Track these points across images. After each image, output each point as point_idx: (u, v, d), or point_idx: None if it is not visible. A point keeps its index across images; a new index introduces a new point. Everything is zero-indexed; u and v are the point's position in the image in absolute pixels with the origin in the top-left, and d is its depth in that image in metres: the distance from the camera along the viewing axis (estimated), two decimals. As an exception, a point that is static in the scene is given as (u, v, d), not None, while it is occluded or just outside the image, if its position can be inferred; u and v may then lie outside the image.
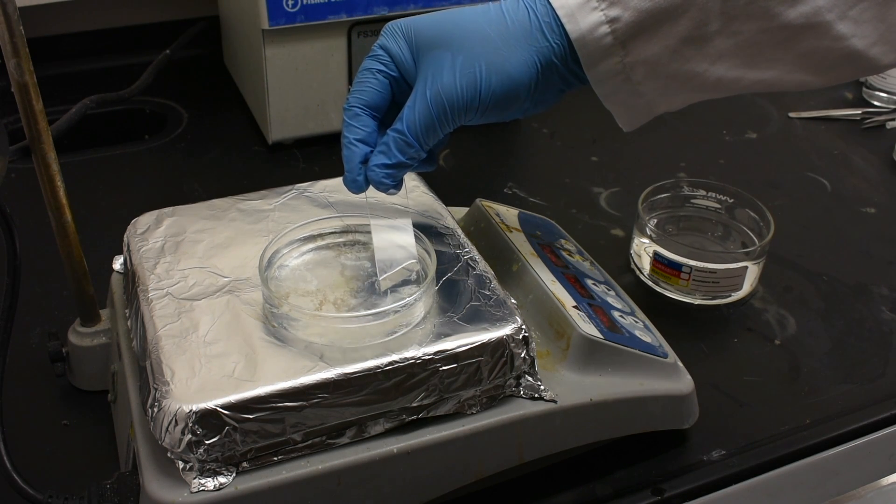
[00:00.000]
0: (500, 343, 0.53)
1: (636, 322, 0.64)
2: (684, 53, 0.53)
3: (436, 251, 0.58)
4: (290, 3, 0.89)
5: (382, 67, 0.57)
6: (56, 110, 0.93)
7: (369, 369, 0.51)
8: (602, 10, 0.52)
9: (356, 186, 0.58)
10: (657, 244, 0.78)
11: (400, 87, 0.58)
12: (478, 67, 0.54)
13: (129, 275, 0.59)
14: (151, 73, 1.04)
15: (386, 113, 0.59)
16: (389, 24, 0.57)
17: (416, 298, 0.54)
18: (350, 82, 0.96)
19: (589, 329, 0.59)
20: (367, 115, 0.57)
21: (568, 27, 0.53)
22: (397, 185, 0.58)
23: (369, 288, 0.57)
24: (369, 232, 0.61)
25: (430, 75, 0.54)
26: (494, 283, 0.58)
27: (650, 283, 0.80)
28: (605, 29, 0.53)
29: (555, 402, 0.56)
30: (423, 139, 0.56)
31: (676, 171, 0.97)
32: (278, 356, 0.51)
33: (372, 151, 0.58)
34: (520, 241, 0.67)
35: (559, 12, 0.53)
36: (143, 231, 0.61)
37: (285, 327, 0.53)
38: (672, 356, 0.63)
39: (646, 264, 0.80)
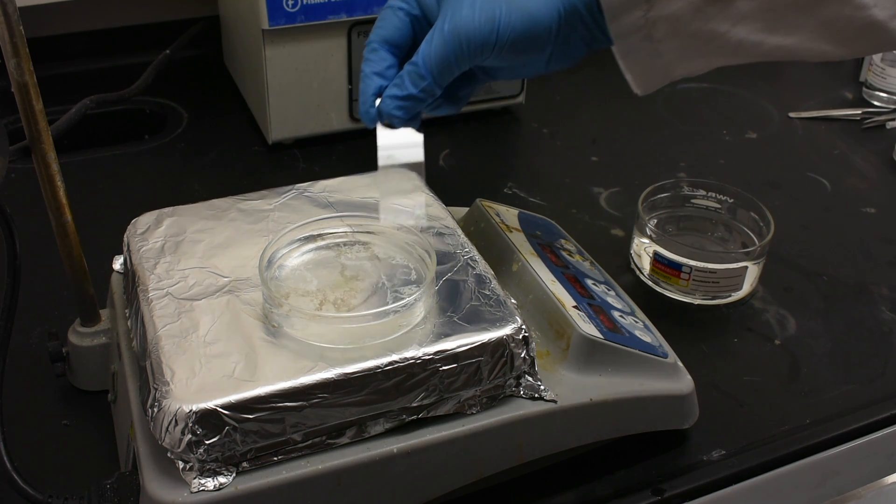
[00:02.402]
0: (500, 343, 0.53)
1: (636, 322, 0.64)
2: (707, 12, 0.53)
3: (436, 251, 0.58)
4: (290, 3, 0.89)
5: (404, 5, 0.57)
6: (56, 110, 0.93)
7: (369, 369, 0.51)
8: None
9: (368, 118, 0.58)
10: (657, 244, 0.78)
11: (421, 26, 0.58)
12: (498, 4, 0.53)
13: (129, 275, 0.59)
14: (151, 73, 1.04)
15: (408, 52, 0.58)
16: None
17: (416, 298, 0.54)
18: (350, 82, 0.96)
19: (589, 329, 0.59)
20: (385, 51, 0.57)
21: None
22: (410, 120, 0.57)
23: (370, 288, 0.57)
24: (369, 232, 0.61)
25: (450, 11, 0.54)
26: (494, 283, 0.58)
27: (650, 283, 0.80)
28: None
29: (555, 402, 0.56)
30: (436, 73, 0.55)
31: (676, 171, 0.97)
32: (278, 356, 0.51)
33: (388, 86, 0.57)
34: (520, 241, 0.67)
35: None
36: (143, 231, 0.61)
37: (285, 327, 0.53)
38: (672, 356, 0.63)
39: (646, 264, 0.80)
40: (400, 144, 0.58)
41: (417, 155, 0.59)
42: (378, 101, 0.58)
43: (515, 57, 0.56)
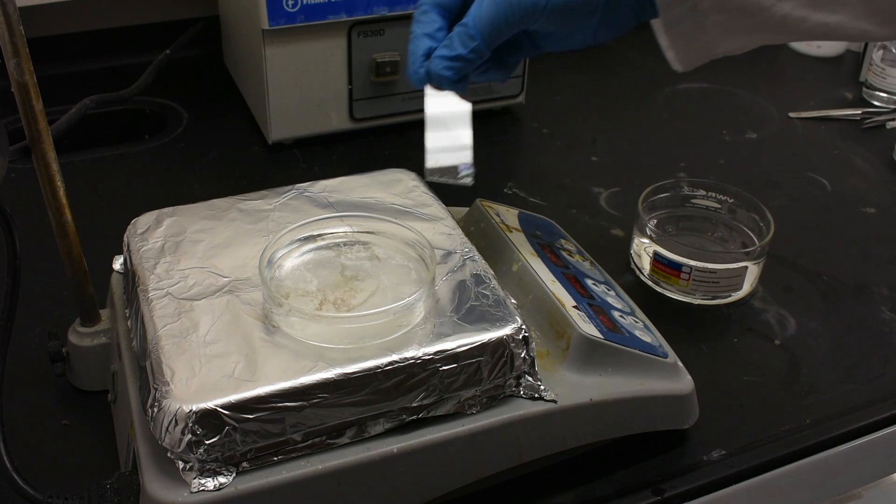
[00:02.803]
0: (500, 343, 0.53)
1: (636, 322, 0.64)
2: None
3: (436, 251, 0.58)
4: (290, 3, 0.89)
5: None
6: (56, 110, 0.93)
7: (369, 369, 0.51)
8: None
9: (417, 79, 0.59)
10: (657, 244, 0.78)
11: None
12: None
13: (129, 275, 0.59)
14: (151, 73, 1.04)
15: (457, 15, 0.59)
16: None
17: (416, 298, 0.54)
18: (350, 82, 0.96)
19: (589, 329, 0.59)
20: (436, 13, 0.58)
21: None
22: (458, 82, 0.58)
23: (370, 288, 0.57)
24: (369, 232, 0.61)
25: None
26: (494, 283, 0.58)
27: (650, 283, 0.80)
28: None
29: (555, 402, 0.56)
30: (486, 34, 0.56)
31: (676, 171, 0.97)
32: (278, 356, 0.51)
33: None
34: (520, 241, 0.67)
35: None
36: (143, 231, 0.61)
37: (285, 327, 0.53)
38: (672, 356, 0.63)
39: (646, 264, 0.80)
40: (447, 113, 0.59)
41: (465, 123, 0.60)
42: (427, 63, 0.58)
43: (564, 22, 0.56)
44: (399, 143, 1.01)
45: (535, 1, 0.54)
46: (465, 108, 0.59)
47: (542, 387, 0.56)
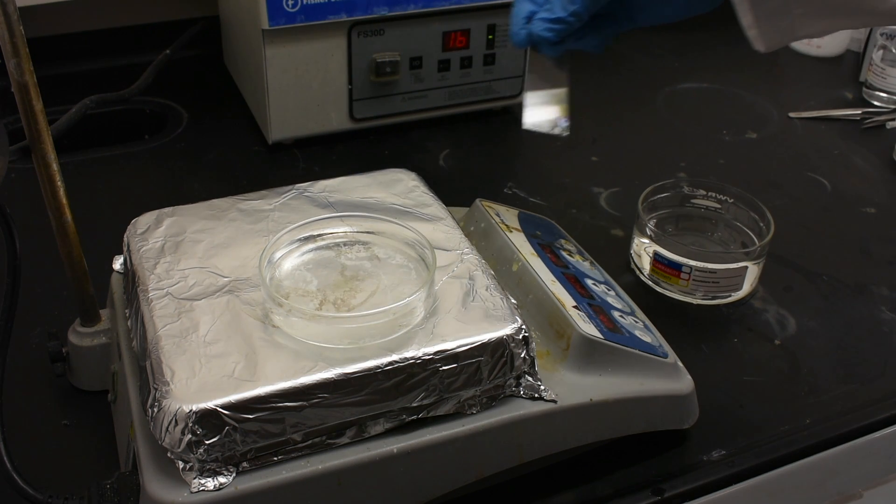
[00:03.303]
0: (500, 343, 0.53)
1: (636, 322, 0.64)
2: None
3: (436, 251, 0.58)
4: (290, 3, 0.89)
5: None
6: (56, 110, 0.94)
7: (369, 369, 0.51)
8: None
9: (518, 39, 0.62)
10: (657, 244, 0.78)
11: None
12: None
13: (129, 275, 0.59)
14: (151, 73, 1.04)
15: None
16: None
17: (416, 298, 0.54)
18: (350, 82, 0.96)
19: (589, 329, 0.59)
20: None
21: None
22: (557, 43, 0.61)
23: (370, 288, 0.57)
24: (369, 232, 0.61)
25: None
26: (494, 283, 0.58)
27: (650, 283, 0.80)
28: None
29: (555, 402, 0.56)
30: None
31: (676, 171, 0.97)
32: (278, 356, 0.51)
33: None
34: (520, 241, 0.67)
35: None
36: (143, 231, 0.61)
37: (285, 327, 0.53)
38: (672, 356, 0.63)
39: (646, 264, 0.80)
40: (547, 73, 0.64)
41: (563, 83, 0.64)
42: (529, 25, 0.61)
43: None
44: (399, 143, 1.01)
45: None
46: (561, 75, 0.64)
47: (542, 387, 0.56)
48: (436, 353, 0.52)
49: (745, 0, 0.56)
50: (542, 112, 0.64)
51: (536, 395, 0.56)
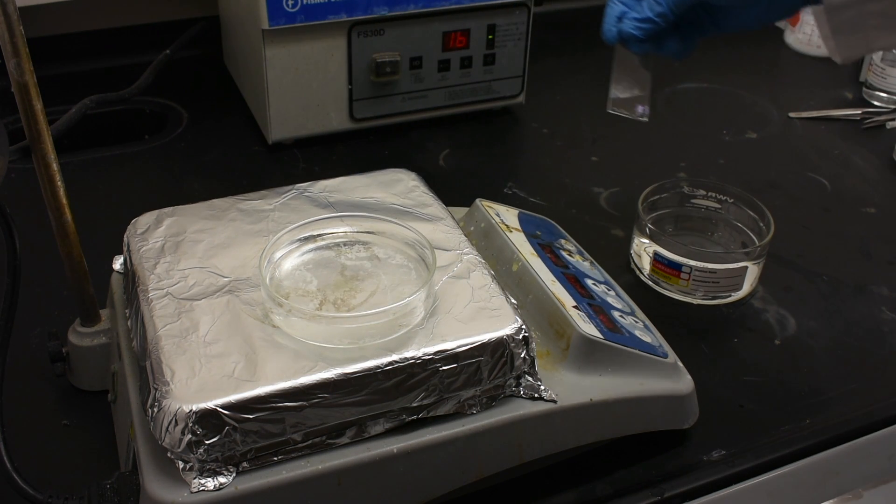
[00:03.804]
0: (500, 343, 0.53)
1: (636, 322, 0.64)
2: None
3: (436, 251, 0.58)
4: (290, 3, 0.89)
5: None
6: (56, 110, 0.93)
7: (369, 369, 0.51)
8: None
9: (609, 35, 0.68)
10: (657, 244, 0.78)
11: None
12: None
13: (129, 275, 0.59)
14: (151, 73, 1.04)
15: None
16: None
17: (416, 298, 0.54)
18: (350, 82, 0.96)
19: (589, 329, 0.59)
20: None
21: None
22: (643, 42, 0.67)
23: (370, 288, 0.57)
24: (369, 232, 0.61)
25: None
26: (494, 283, 0.58)
27: (650, 283, 0.80)
28: None
29: (555, 402, 0.56)
30: (671, 1, 0.64)
31: (676, 171, 0.97)
32: (278, 356, 0.51)
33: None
34: (520, 241, 0.67)
35: None
36: (143, 231, 0.61)
37: (285, 327, 0.53)
38: (672, 356, 0.63)
39: (646, 264, 0.80)
40: (631, 64, 0.71)
41: (646, 75, 0.72)
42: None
43: None
44: (399, 143, 1.02)
45: None
46: (645, 75, 0.71)
47: (542, 387, 0.56)
48: (436, 353, 0.52)
49: (821, 12, 0.61)
50: (628, 103, 0.72)
51: (536, 395, 0.56)
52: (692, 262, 0.77)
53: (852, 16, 0.59)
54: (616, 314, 0.63)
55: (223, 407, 0.48)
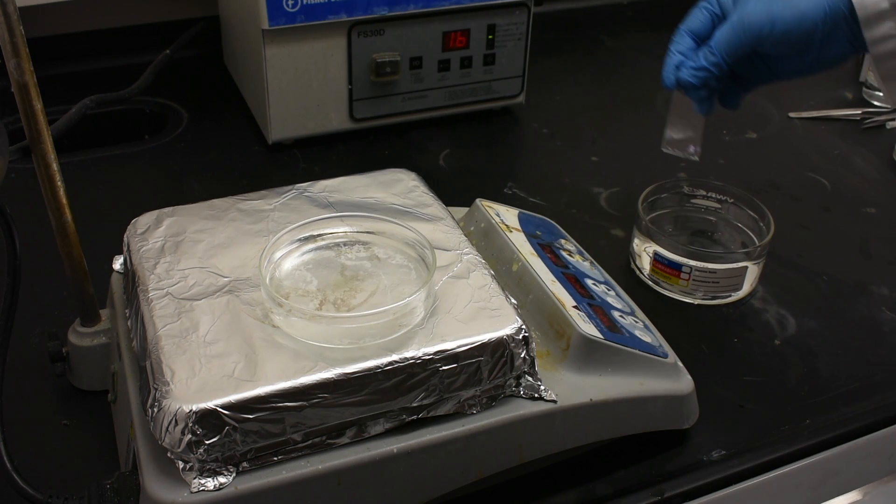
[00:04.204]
0: (500, 343, 0.53)
1: (636, 322, 0.64)
2: None
3: (436, 251, 0.58)
4: (290, 3, 0.89)
5: (707, 5, 0.73)
6: (56, 110, 0.93)
7: (369, 369, 0.51)
8: None
9: (668, 82, 0.74)
10: (657, 244, 0.78)
11: (719, 20, 0.72)
12: (776, 2, 0.67)
13: (129, 275, 0.59)
14: (151, 73, 1.04)
15: (705, 39, 0.73)
16: None
17: (416, 298, 0.54)
18: (350, 82, 0.96)
19: (589, 329, 0.59)
20: (689, 37, 0.73)
21: None
22: (699, 87, 0.72)
23: (370, 288, 0.57)
24: (369, 232, 0.61)
25: (740, 7, 0.69)
26: (494, 283, 0.58)
27: (650, 283, 0.80)
28: None
29: (555, 402, 0.56)
30: (724, 52, 0.70)
31: (676, 171, 0.97)
32: (278, 356, 0.51)
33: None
34: (520, 241, 0.67)
35: None
36: (143, 231, 0.61)
37: (285, 327, 0.53)
38: (672, 356, 0.63)
39: (646, 264, 0.80)
40: (687, 109, 0.76)
41: (699, 118, 0.76)
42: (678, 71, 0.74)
43: (788, 45, 0.68)
44: (399, 143, 1.02)
45: (761, 28, 0.68)
46: (699, 120, 0.76)
47: (542, 387, 0.56)
48: (436, 353, 0.52)
49: (871, 60, 0.67)
50: (681, 144, 0.78)
51: (536, 395, 0.56)
52: (692, 262, 0.77)
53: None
54: (616, 314, 0.63)
55: (223, 407, 0.48)
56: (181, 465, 0.49)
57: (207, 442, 0.48)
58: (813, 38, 0.68)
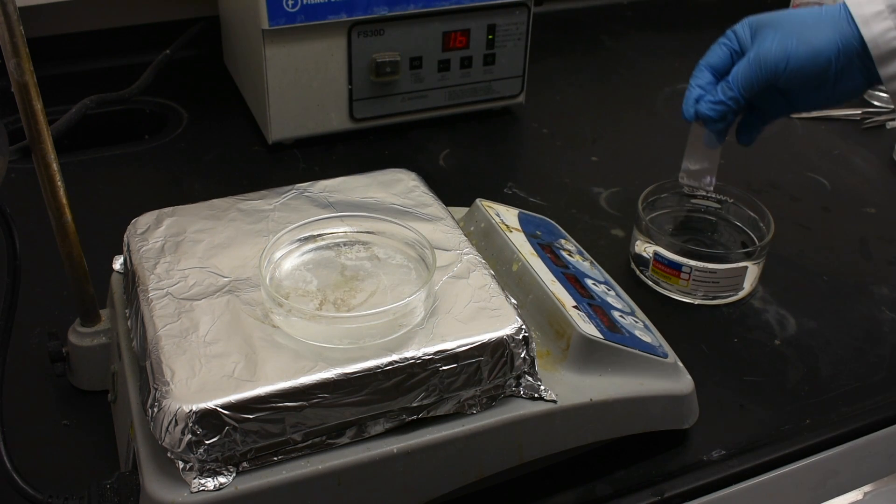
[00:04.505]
0: (500, 343, 0.53)
1: (636, 322, 0.64)
2: None
3: (436, 251, 0.58)
4: (290, 3, 0.89)
5: (727, 41, 0.75)
6: (56, 110, 0.94)
7: (369, 369, 0.51)
8: (892, 19, 0.67)
9: (688, 115, 0.76)
10: (657, 244, 0.78)
11: (738, 56, 0.74)
12: (791, 39, 0.70)
13: (129, 275, 0.59)
14: (151, 73, 1.04)
15: (724, 74, 0.75)
16: (746, 18, 0.75)
17: (416, 298, 0.54)
18: (350, 82, 0.96)
19: (589, 329, 0.59)
20: (708, 72, 0.75)
21: (863, 31, 0.68)
22: (718, 120, 0.74)
23: (370, 288, 0.57)
24: (369, 232, 0.61)
25: (757, 44, 0.72)
26: (494, 283, 0.58)
27: (650, 283, 0.80)
28: (895, 34, 0.67)
29: (555, 402, 0.56)
30: (741, 87, 0.72)
31: (676, 171, 0.97)
32: (278, 356, 0.51)
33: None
34: (520, 241, 0.67)
35: (857, 20, 0.69)
36: (143, 231, 0.61)
37: (285, 327, 0.53)
38: (672, 356, 0.63)
39: (646, 264, 0.80)
40: (704, 142, 0.78)
41: (715, 152, 0.78)
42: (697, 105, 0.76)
43: (804, 81, 0.71)
44: (399, 143, 1.02)
45: (776, 64, 0.70)
46: (715, 153, 0.78)
47: (542, 387, 0.56)
48: (436, 353, 0.52)
49: (886, 88, 0.70)
50: (697, 175, 0.79)
51: (536, 395, 0.56)
52: (692, 262, 0.77)
53: None
54: (616, 314, 0.63)
55: (223, 407, 0.48)
56: (181, 465, 0.49)
57: (207, 442, 0.48)
58: (827, 73, 0.70)
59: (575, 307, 0.61)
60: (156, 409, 0.48)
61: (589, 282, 0.66)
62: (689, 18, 1.37)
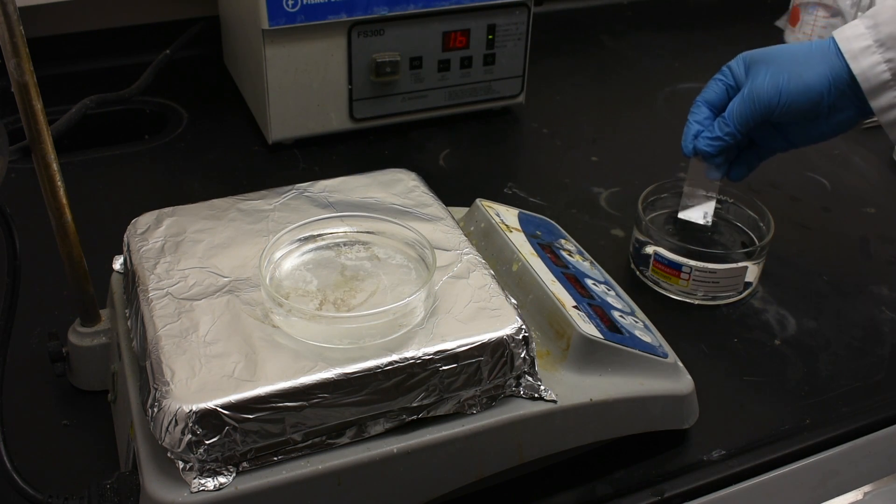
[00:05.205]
0: (500, 343, 0.53)
1: (636, 322, 0.64)
2: None
3: (436, 251, 0.58)
4: (290, 3, 0.89)
5: (722, 77, 0.77)
6: (56, 110, 0.94)
7: (369, 369, 0.51)
8: (880, 53, 0.69)
9: (686, 150, 0.78)
10: (657, 244, 0.78)
11: (734, 92, 0.76)
12: (783, 75, 0.72)
13: (129, 275, 0.59)
14: (151, 73, 1.04)
15: (721, 110, 0.77)
16: (741, 53, 0.77)
17: (416, 298, 0.54)
18: (350, 82, 0.96)
19: (589, 329, 0.59)
20: (705, 107, 0.77)
21: (852, 65, 0.70)
22: (716, 155, 0.76)
23: (370, 288, 0.57)
24: (369, 232, 0.61)
25: (751, 80, 0.73)
26: (494, 283, 0.58)
27: (650, 283, 0.80)
28: (883, 68, 0.69)
29: (555, 402, 0.56)
30: (737, 123, 0.74)
31: (676, 171, 0.97)
32: (278, 356, 0.51)
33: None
34: (520, 241, 0.67)
35: (846, 55, 0.70)
36: (143, 231, 0.61)
37: (285, 327, 0.53)
38: (672, 356, 0.63)
39: (646, 264, 0.80)
40: (702, 177, 0.79)
41: (713, 187, 0.80)
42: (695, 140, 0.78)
43: (797, 115, 0.73)
44: (399, 143, 1.02)
45: (770, 100, 0.72)
46: (714, 185, 0.80)
47: (542, 387, 0.56)
48: (436, 353, 0.52)
49: (879, 120, 0.71)
50: (695, 210, 0.81)
51: (536, 395, 0.56)
52: (692, 262, 0.77)
53: None
54: (616, 314, 0.63)
55: (223, 407, 0.48)
56: (181, 465, 0.49)
57: (207, 442, 0.48)
58: (820, 107, 0.72)
59: (575, 307, 0.61)
60: (156, 409, 0.48)
61: (589, 282, 0.66)
62: (689, 18, 1.37)
